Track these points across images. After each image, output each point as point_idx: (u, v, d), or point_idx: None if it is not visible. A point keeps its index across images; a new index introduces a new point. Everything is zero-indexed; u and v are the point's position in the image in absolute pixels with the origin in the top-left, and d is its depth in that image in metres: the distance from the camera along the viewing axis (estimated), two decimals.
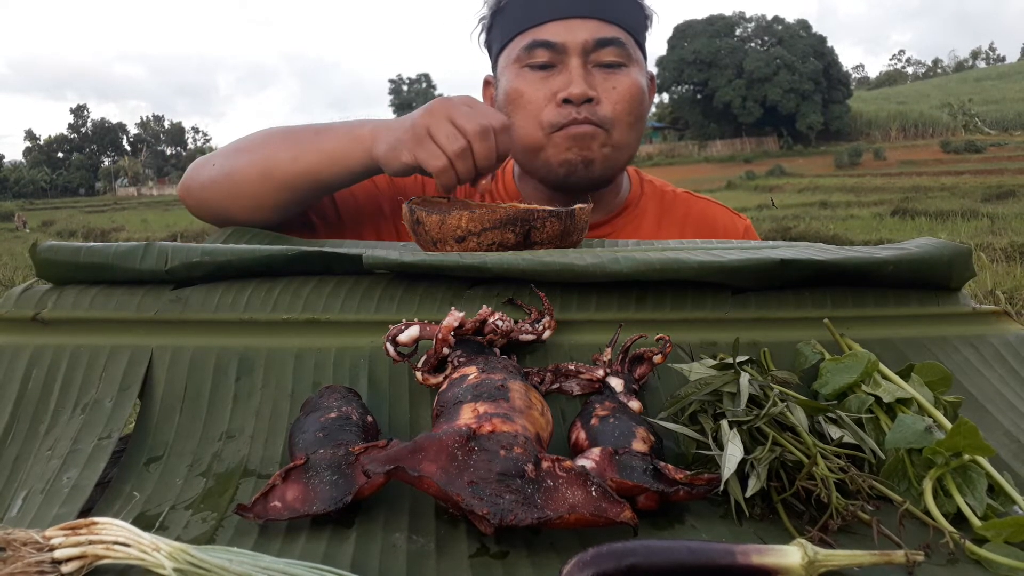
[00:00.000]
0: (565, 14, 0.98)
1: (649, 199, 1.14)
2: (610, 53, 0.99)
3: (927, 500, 0.46)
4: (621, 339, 0.61)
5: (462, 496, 0.42)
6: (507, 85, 1.03)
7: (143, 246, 0.69)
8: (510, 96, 1.02)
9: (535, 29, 1.00)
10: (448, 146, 0.80)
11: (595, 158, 1.00)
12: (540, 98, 0.99)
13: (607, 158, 1.00)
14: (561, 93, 0.97)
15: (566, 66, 0.99)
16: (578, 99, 0.97)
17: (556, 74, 0.99)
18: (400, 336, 0.57)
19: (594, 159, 1.00)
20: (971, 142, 32.40)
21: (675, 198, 1.16)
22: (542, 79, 1.00)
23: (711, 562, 0.39)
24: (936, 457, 0.47)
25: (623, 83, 1.00)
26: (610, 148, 1.00)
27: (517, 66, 1.01)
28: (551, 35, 0.98)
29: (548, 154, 1.01)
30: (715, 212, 1.16)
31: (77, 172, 72.41)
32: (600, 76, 0.99)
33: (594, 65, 0.99)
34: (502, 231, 0.73)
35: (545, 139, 1.00)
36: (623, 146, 1.02)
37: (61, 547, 0.40)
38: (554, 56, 0.99)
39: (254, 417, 0.57)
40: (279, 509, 0.45)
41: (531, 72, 1.00)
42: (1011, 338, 0.68)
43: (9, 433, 0.57)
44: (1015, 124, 35.19)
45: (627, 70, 1.01)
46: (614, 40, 0.99)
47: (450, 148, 0.80)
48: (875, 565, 0.40)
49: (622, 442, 0.49)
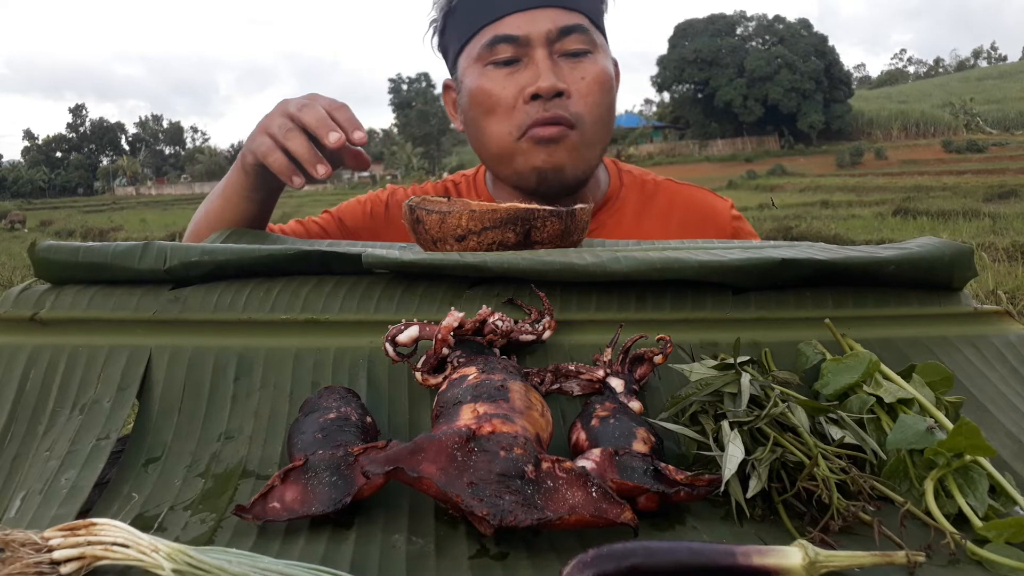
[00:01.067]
0: (524, 5, 0.95)
1: (629, 190, 1.12)
2: (574, 40, 0.96)
3: (928, 501, 0.46)
4: (621, 339, 0.60)
5: (462, 497, 0.42)
6: (472, 86, 0.99)
7: (142, 245, 0.69)
8: (476, 97, 0.99)
9: (494, 24, 0.97)
10: (277, 132, 0.78)
11: (565, 163, 0.97)
12: (509, 96, 0.96)
13: (578, 159, 0.98)
14: (530, 88, 0.94)
15: (532, 59, 0.96)
16: (548, 92, 0.94)
17: (522, 68, 0.96)
18: (399, 336, 0.57)
19: (564, 164, 0.97)
20: (973, 142, 32.40)
21: (657, 187, 1.13)
22: (508, 75, 0.96)
23: (712, 563, 0.38)
24: (937, 458, 0.47)
25: (591, 71, 0.97)
26: (581, 148, 0.98)
27: (480, 65, 0.98)
28: (512, 28, 0.95)
29: (518, 162, 0.98)
30: (700, 197, 1.13)
31: (75, 172, 72.44)
32: (567, 66, 0.97)
33: (559, 55, 0.96)
34: (502, 230, 0.73)
35: (515, 145, 0.97)
36: (595, 142, 0.99)
37: (60, 548, 0.40)
38: (518, 50, 0.96)
39: (253, 418, 0.57)
40: (278, 510, 0.45)
41: (495, 69, 0.97)
42: (1013, 338, 0.67)
43: (7, 433, 0.57)
44: (1017, 123, 35.19)
45: (593, 56, 0.98)
46: (577, 27, 0.96)
47: (279, 133, 0.78)
48: (876, 566, 0.40)
49: (622, 443, 0.49)
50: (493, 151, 1.01)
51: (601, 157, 1.05)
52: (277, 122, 0.79)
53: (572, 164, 0.98)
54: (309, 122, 0.77)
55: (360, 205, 1.15)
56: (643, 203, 1.11)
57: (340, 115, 0.78)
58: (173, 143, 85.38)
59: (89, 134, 78.60)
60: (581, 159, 0.99)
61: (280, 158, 0.78)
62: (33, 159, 74.82)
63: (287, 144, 0.78)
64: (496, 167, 1.04)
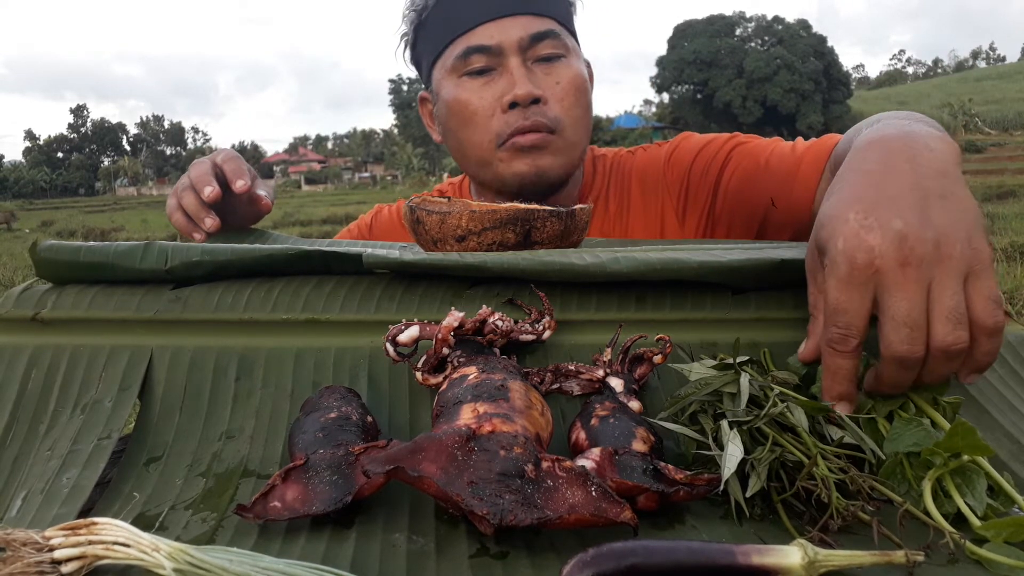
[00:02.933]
0: (494, 15, 0.96)
1: (601, 177, 1.13)
2: (547, 46, 0.97)
3: (926, 500, 0.46)
4: (621, 339, 0.61)
5: (462, 496, 0.42)
6: (448, 97, 1.00)
7: (143, 245, 0.69)
8: (453, 109, 1.00)
9: (466, 35, 0.97)
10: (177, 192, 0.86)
11: (548, 166, 0.98)
12: (487, 106, 0.97)
13: (560, 163, 0.99)
14: (506, 97, 0.95)
15: (506, 68, 0.97)
16: (525, 100, 0.95)
17: (497, 77, 0.97)
18: (400, 336, 0.57)
19: (547, 167, 0.98)
20: (971, 142, 32.38)
21: (621, 161, 1.14)
22: (483, 85, 0.97)
23: (711, 562, 0.39)
24: (934, 458, 0.47)
25: (565, 75, 0.98)
26: (563, 151, 0.98)
27: (455, 76, 0.99)
28: (484, 38, 0.96)
29: (499, 168, 0.99)
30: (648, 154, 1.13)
31: (77, 172, 72.41)
32: (541, 72, 0.97)
33: (533, 61, 0.97)
34: (502, 231, 0.73)
35: (495, 153, 0.98)
36: (575, 143, 1.00)
37: (61, 547, 0.40)
38: (491, 59, 0.97)
39: (254, 417, 0.57)
40: (279, 509, 0.45)
41: (470, 80, 0.98)
42: (1011, 338, 0.67)
43: (9, 433, 0.57)
44: (1015, 124, 35.18)
45: (566, 60, 0.99)
46: (549, 32, 0.97)
47: (178, 193, 0.85)
48: (875, 565, 0.40)
49: (622, 442, 0.49)
50: (473, 159, 1.02)
51: (583, 157, 1.06)
52: (180, 183, 0.87)
53: (555, 167, 0.99)
54: (193, 179, 0.85)
55: (349, 233, 1.21)
56: (611, 184, 1.12)
57: (227, 167, 0.85)
58: (174, 143, 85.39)
59: (90, 134, 78.60)
60: (564, 161, 1.00)
61: (179, 217, 0.86)
62: (35, 159, 74.80)
63: (182, 202, 0.85)
64: (477, 174, 1.05)
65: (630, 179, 1.11)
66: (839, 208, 0.52)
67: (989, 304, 0.49)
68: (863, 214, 0.50)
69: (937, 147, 0.56)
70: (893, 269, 0.48)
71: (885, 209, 0.50)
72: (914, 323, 0.49)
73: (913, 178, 0.52)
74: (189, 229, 0.85)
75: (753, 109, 42.25)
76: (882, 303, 0.49)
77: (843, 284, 0.50)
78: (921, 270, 0.48)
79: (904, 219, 0.49)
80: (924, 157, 0.54)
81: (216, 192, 0.83)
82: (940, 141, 0.57)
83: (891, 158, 0.55)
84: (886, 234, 0.49)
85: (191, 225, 0.85)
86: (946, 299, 0.48)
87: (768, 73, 41.15)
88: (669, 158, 1.09)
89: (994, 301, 0.49)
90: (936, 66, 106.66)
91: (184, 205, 0.85)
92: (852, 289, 0.50)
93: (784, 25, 43.52)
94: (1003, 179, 14.21)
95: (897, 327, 0.49)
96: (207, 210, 0.84)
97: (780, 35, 42.79)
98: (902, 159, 0.54)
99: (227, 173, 0.85)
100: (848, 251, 0.50)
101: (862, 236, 0.50)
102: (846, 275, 0.50)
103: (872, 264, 0.49)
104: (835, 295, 0.50)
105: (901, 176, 0.53)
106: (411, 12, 1.04)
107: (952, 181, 0.53)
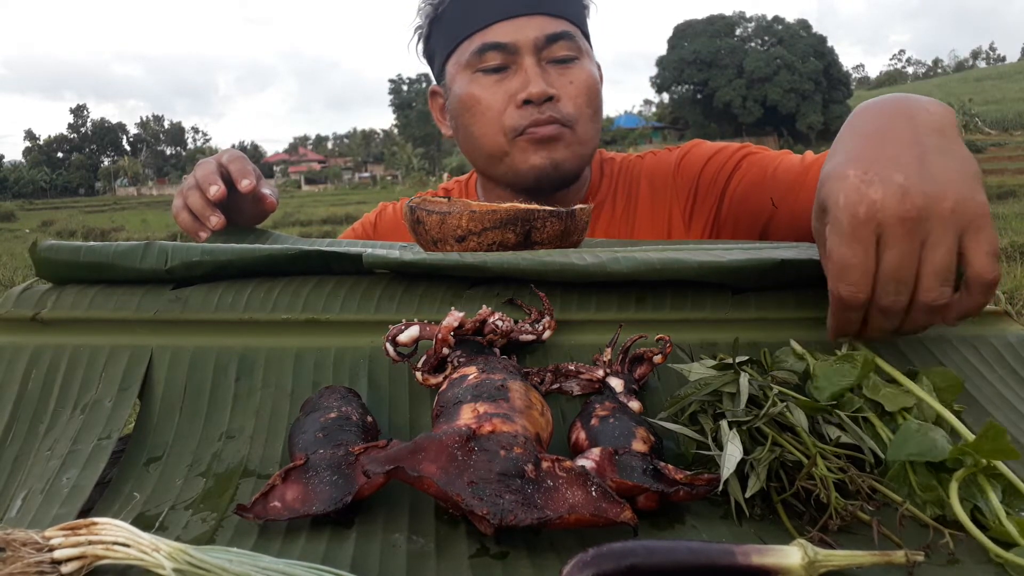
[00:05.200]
0: (511, 13, 0.97)
1: (608, 179, 1.13)
2: (562, 47, 0.98)
3: (954, 504, 0.45)
4: (621, 339, 0.61)
5: (462, 496, 0.42)
6: (460, 92, 1.01)
7: (143, 245, 0.69)
8: (465, 103, 1.00)
9: (482, 32, 0.98)
10: (183, 191, 0.86)
11: (563, 158, 0.99)
12: (498, 102, 0.97)
13: (574, 156, 1.00)
14: (520, 94, 0.96)
15: (520, 66, 0.97)
16: (538, 98, 0.95)
17: (511, 75, 0.98)
18: (400, 336, 0.57)
19: (562, 160, 0.99)
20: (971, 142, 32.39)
21: (630, 165, 1.15)
22: (497, 82, 0.98)
23: (711, 562, 0.39)
24: (965, 458, 0.47)
25: (579, 76, 0.99)
26: (576, 145, 0.99)
27: (469, 72, 0.99)
28: (500, 36, 0.97)
29: (514, 160, 0.99)
30: (658, 159, 1.14)
31: (77, 172, 72.41)
32: (555, 72, 0.98)
33: (547, 61, 0.98)
34: (502, 231, 0.73)
35: (508, 144, 0.98)
36: (587, 140, 1.01)
37: (61, 547, 0.40)
38: (507, 57, 0.97)
39: (254, 417, 0.57)
40: (279, 509, 0.45)
41: (484, 76, 0.98)
42: (1011, 338, 0.67)
43: (9, 433, 0.57)
44: (1015, 124, 35.16)
45: (580, 63, 1.00)
46: (564, 34, 0.98)
47: (184, 192, 0.86)
48: (875, 565, 0.40)
49: (622, 442, 0.49)
50: (485, 153, 1.02)
51: (592, 156, 1.07)
52: (186, 183, 0.88)
53: (570, 159, 1.00)
54: (199, 178, 0.85)
55: (353, 232, 1.22)
56: (618, 188, 1.13)
57: (232, 167, 0.85)
58: (174, 143, 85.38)
59: (90, 134, 78.58)
60: (578, 155, 1.00)
61: (185, 217, 0.86)
62: (35, 159, 74.79)
63: (187, 202, 0.86)
64: (489, 168, 1.04)
65: (639, 181, 1.12)
66: (839, 167, 0.53)
67: (988, 258, 0.51)
68: (863, 170, 0.51)
69: (934, 109, 0.57)
70: (893, 223, 0.50)
71: (885, 165, 0.51)
72: (902, 278, 0.51)
73: (912, 135, 0.53)
74: (195, 228, 0.85)
75: (753, 109, 42.27)
76: (878, 255, 0.51)
77: (847, 239, 0.51)
78: (919, 224, 0.50)
79: (905, 173, 0.50)
80: (922, 117, 0.55)
81: (222, 191, 0.84)
82: (936, 104, 0.58)
83: (889, 119, 0.56)
84: (887, 188, 0.50)
85: (197, 224, 0.85)
86: (938, 257, 0.50)
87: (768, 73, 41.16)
88: (679, 163, 1.10)
89: (993, 255, 0.51)
90: (936, 66, 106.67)
91: (190, 204, 0.85)
92: (856, 243, 0.51)
93: (784, 25, 43.53)
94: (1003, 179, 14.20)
95: (886, 281, 0.51)
96: (213, 209, 0.84)
97: (780, 35, 42.80)
98: (901, 119, 0.55)
99: (232, 173, 0.85)
100: (850, 206, 0.50)
101: (863, 190, 0.50)
102: (849, 230, 0.51)
103: (874, 217, 0.50)
104: (840, 251, 0.51)
105: (900, 134, 0.54)
106: (427, 6, 1.04)
107: (950, 139, 0.54)
